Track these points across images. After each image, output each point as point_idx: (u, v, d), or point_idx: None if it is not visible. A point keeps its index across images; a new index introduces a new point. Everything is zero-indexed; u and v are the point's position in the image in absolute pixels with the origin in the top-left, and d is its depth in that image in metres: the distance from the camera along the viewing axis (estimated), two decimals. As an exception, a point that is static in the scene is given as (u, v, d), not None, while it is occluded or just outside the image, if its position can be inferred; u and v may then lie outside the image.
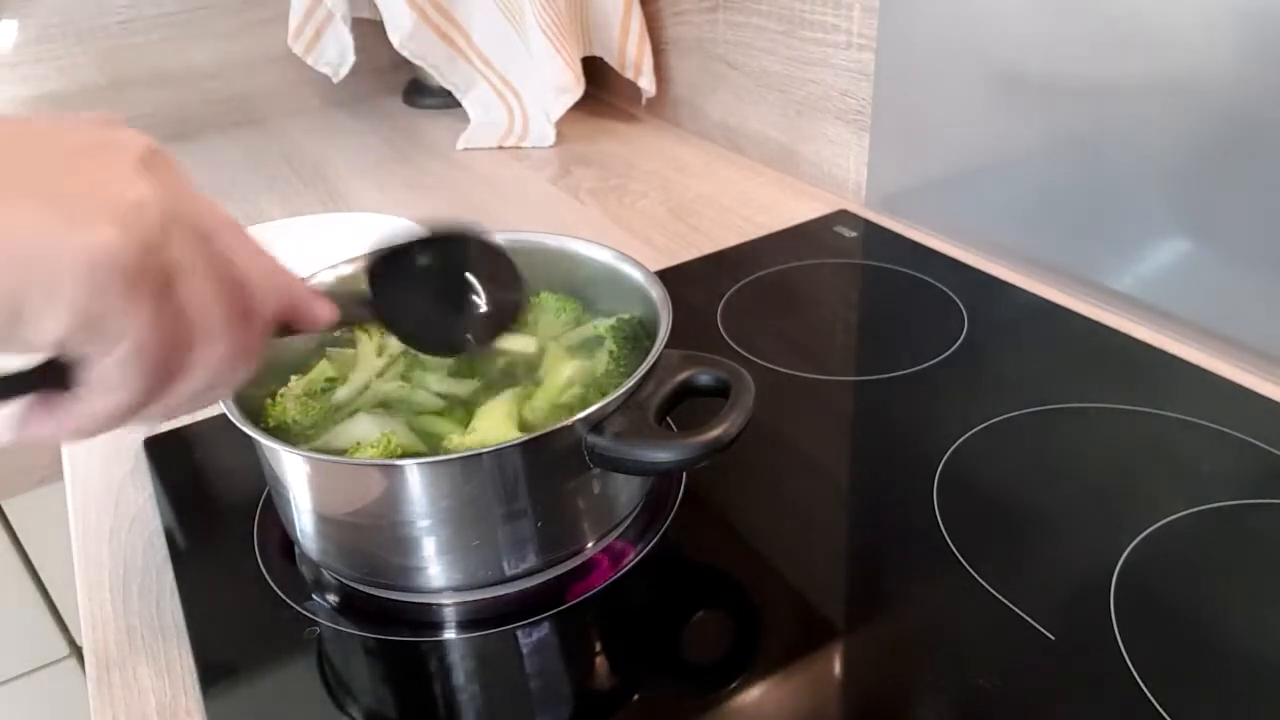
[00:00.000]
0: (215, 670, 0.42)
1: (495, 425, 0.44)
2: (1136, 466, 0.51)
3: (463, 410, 0.46)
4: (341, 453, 0.43)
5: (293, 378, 0.48)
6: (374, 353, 0.50)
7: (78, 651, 0.80)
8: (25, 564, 0.72)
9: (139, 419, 0.27)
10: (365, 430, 0.44)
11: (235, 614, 0.45)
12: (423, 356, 0.49)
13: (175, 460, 0.56)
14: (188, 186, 0.28)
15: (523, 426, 0.44)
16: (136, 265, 0.24)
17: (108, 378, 0.25)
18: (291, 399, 0.46)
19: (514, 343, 0.50)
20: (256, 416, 0.45)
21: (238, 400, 0.42)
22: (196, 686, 0.42)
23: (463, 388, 0.48)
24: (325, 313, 0.35)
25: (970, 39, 0.69)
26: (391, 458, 0.42)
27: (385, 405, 0.47)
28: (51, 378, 0.25)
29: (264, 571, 0.47)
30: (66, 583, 0.62)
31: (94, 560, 0.50)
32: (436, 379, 0.49)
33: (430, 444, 0.44)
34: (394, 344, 0.50)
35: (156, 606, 0.46)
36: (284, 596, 0.45)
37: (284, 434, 0.45)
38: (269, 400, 0.47)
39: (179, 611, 0.45)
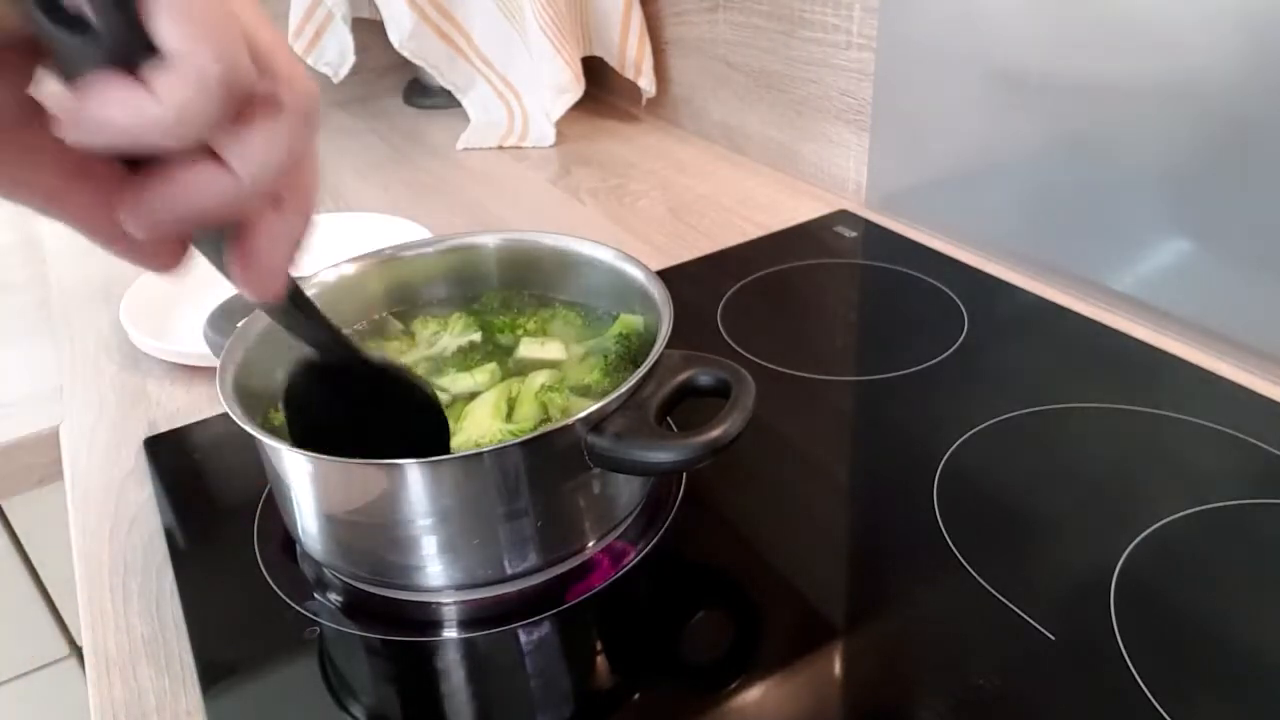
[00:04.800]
0: (215, 670, 0.42)
1: (479, 420, 0.45)
2: (1136, 466, 0.51)
3: (459, 405, 0.47)
4: None
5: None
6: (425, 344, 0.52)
7: (78, 651, 0.80)
8: (25, 564, 0.72)
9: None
10: None
11: (235, 614, 0.45)
12: (445, 360, 0.51)
13: (175, 460, 0.56)
14: None
15: (509, 417, 0.45)
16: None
17: (183, 72, 0.23)
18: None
19: (544, 350, 0.51)
20: (257, 414, 0.45)
21: (239, 398, 0.42)
22: (196, 686, 0.42)
23: (470, 384, 0.49)
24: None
25: (970, 39, 0.69)
26: None
27: None
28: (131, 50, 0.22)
29: (264, 571, 0.47)
30: (66, 583, 0.62)
31: (94, 560, 0.50)
32: (450, 380, 0.49)
33: None
34: (445, 346, 0.52)
35: (156, 606, 0.46)
36: (284, 596, 0.45)
37: (283, 432, 0.45)
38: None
39: (179, 611, 0.45)
